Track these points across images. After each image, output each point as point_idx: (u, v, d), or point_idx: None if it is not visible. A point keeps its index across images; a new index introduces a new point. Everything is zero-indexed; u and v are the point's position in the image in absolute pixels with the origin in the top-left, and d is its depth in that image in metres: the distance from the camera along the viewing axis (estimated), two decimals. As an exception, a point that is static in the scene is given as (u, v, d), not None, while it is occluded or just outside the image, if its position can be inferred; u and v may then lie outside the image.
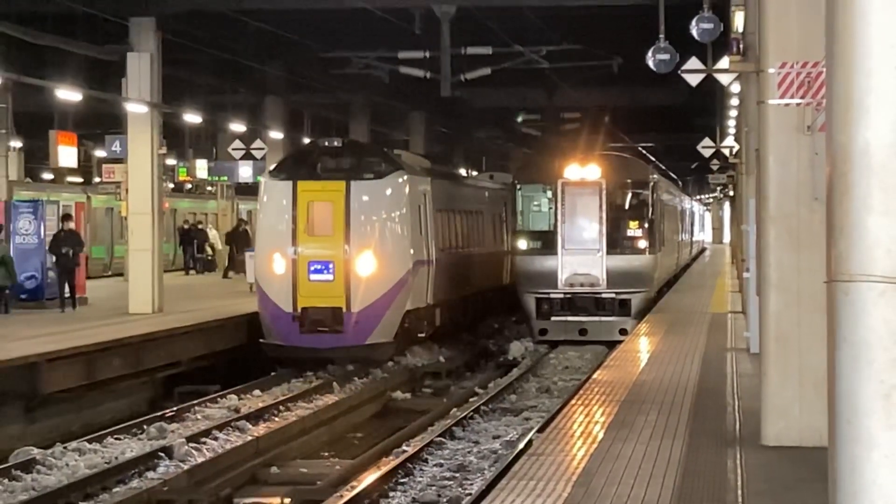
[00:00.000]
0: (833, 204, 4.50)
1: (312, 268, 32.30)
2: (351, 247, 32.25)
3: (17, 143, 50.45)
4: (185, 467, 21.48)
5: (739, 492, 14.22)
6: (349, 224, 32.36)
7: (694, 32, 20.29)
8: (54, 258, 34.69)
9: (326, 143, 34.51)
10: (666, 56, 22.93)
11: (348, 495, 19.57)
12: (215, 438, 23.76)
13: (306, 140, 50.71)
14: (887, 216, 4.37)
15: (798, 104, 16.06)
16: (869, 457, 4.43)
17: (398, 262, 33.15)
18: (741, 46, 21.70)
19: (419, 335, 35.87)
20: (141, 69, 35.30)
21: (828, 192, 4.61)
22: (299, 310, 32.20)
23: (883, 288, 4.37)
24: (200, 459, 22.23)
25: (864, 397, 4.42)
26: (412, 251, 33.79)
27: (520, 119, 63.12)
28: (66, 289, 34.92)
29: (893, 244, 4.38)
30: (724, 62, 25.36)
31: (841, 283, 4.40)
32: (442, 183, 39.44)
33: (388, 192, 33.41)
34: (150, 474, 21.03)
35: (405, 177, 33.91)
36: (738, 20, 24.67)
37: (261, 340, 32.86)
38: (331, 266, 32.29)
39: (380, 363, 33.79)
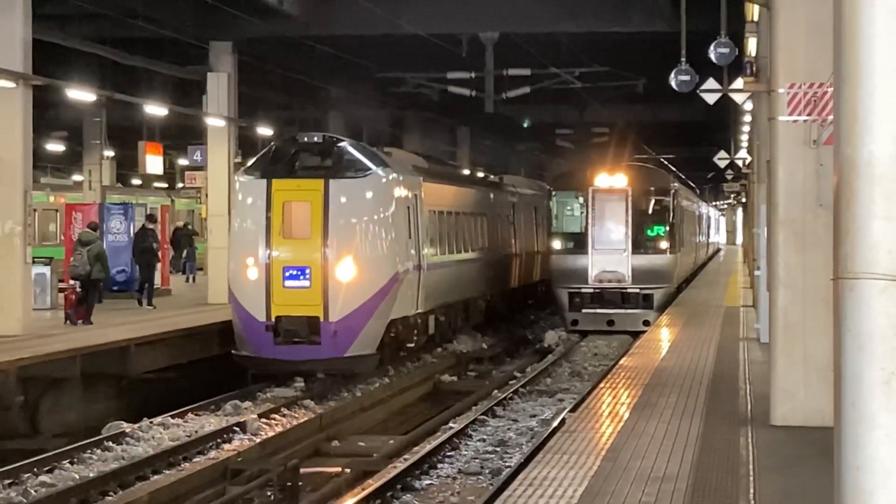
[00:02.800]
0: (840, 209, 4.48)
1: (287, 273, 26.43)
2: (329, 251, 26.43)
3: (109, 153, 50.56)
4: (257, 440, 21.56)
5: (751, 466, 14.17)
6: (328, 226, 26.48)
7: (712, 56, 20.23)
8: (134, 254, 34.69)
9: (305, 139, 28.14)
10: (687, 77, 22.84)
11: (401, 466, 19.56)
12: (283, 415, 23.82)
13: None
14: (889, 221, 4.35)
15: (805, 121, 16.02)
16: (871, 436, 4.41)
17: (382, 268, 27.30)
18: (754, 69, 21.62)
19: (408, 345, 30.21)
20: (219, 87, 35.42)
21: (835, 198, 4.58)
22: (273, 319, 26.38)
23: (885, 285, 4.35)
24: (270, 434, 22.30)
25: (866, 383, 4.39)
26: (398, 256, 28.03)
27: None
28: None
29: (894, 246, 4.37)
30: (738, 83, 25.27)
31: (847, 280, 4.39)
32: (437, 183, 33.42)
33: (372, 191, 27.48)
34: (226, 446, 21.10)
35: (391, 175, 28.10)
36: (752, 45, 24.57)
37: (232, 352, 26.99)
38: (307, 272, 26.38)
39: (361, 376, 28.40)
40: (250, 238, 26.95)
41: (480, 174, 44.43)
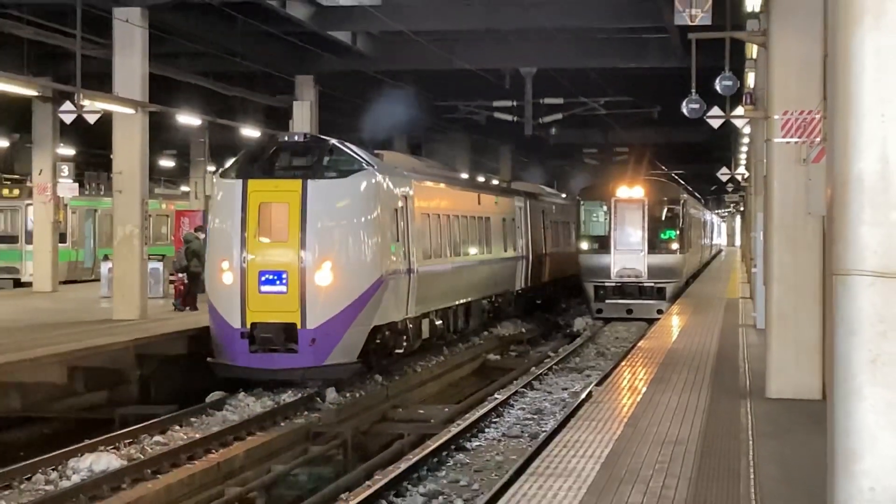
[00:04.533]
0: (833, 217, 4.48)
1: (263, 278, 21.53)
2: (307, 255, 21.46)
3: (212, 168, 50.85)
4: (334, 408, 21.62)
5: (750, 432, 14.15)
6: (305, 229, 21.53)
7: (717, 87, 20.19)
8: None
9: (286, 138, 23.28)
10: (696, 105, 22.77)
11: (455, 430, 19.58)
12: (356, 387, 23.88)
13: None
14: (875, 226, 4.36)
15: (796, 142, 16.01)
16: (859, 406, 4.42)
17: (364, 273, 22.15)
18: (753, 98, 21.61)
19: (396, 351, 24.93)
20: (303, 114, 35.54)
21: (829, 207, 4.58)
22: (248, 325, 21.57)
23: (871, 280, 4.36)
24: (345, 402, 22.35)
25: (855, 362, 4.40)
26: (383, 260, 22.78)
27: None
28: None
29: (879, 247, 4.38)
30: (739, 110, 25.22)
31: (839, 276, 4.39)
32: (432, 186, 28.42)
33: (354, 193, 22.32)
34: (308, 413, 21.16)
35: (376, 177, 22.84)
36: (751, 79, 24.52)
37: (208, 360, 22.25)
38: (284, 276, 21.48)
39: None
40: (225, 241, 21.96)
41: (482, 178, 41.27)
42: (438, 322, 28.19)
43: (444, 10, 30.34)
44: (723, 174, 51.07)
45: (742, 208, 65.93)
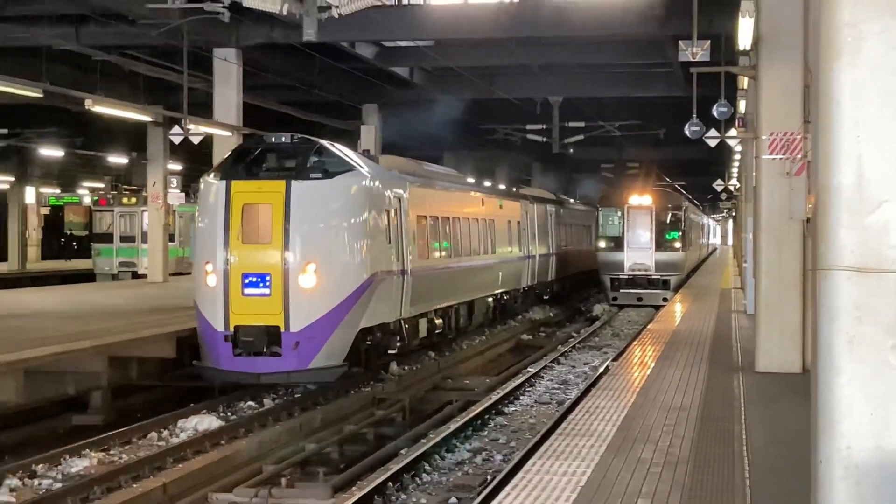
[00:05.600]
0: (817, 221, 4.45)
1: (246, 280, 18.05)
2: (291, 256, 17.95)
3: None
4: (395, 379, 21.66)
5: (742, 400, 14.07)
6: (289, 230, 18.05)
7: (714, 113, 20.11)
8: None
9: (273, 139, 19.26)
10: (696, 127, 22.66)
11: (495, 397, 19.59)
12: (413, 361, 23.91)
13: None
14: (851, 230, 4.33)
15: (781, 158, 15.89)
16: (838, 380, 4.38)
17: (350, 274, 18.50)
18: (744, 122, 21.45)
19: (389, 352, 21.27)
20: (369, 136, 35.59)
21: (812, 213, 4.55)
22: (231, 328, 17.96)
23: (849, 274, 4.33)
24: (404, 374, 22.40)
25: (835, 343, 4.36)
26: (371, 262, 18.97)
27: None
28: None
29: (856, 247, 4.35)
30: (732, 132, 25.13)
31: (822, 270, 4.36)
32: (430, 189, 24.09)
33: (339, 194, 18.65)
34: (374, 383, 21.20)
35: (364, 179, 19.08)
36: (742, 106, 24.36)
37: (193, 363, 18.73)
38: (267, 279, 18.00)
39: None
40: (209, 242, 18.42)
41: (488, 183, 37.57)
42: (438, 321, 24.19)
43: (485, 49, 30.38)
44: (718, 185, 50.94)
45: (734, 213, 65.72)
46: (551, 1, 25.86)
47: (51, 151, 41.50)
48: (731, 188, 50.67)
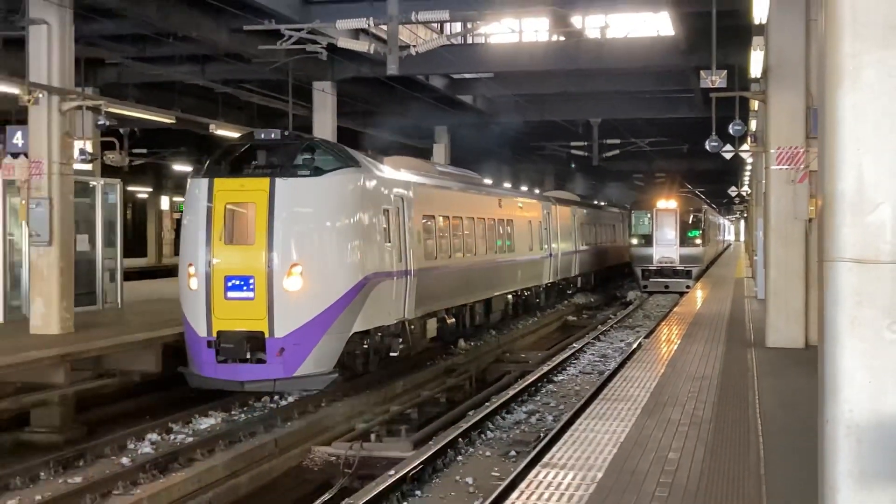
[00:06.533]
0: (823, 220, 4.41)
1: (230, 283, 14.53)
2: (275, 258, 14.47)
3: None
4: (463, 353, 21.69)
5: (755, 371, 13.91)
6: (273, 231, 14.52)
7: (730, 131, 19.87)
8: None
9: (262, 136, 15.43)
10: (716, 143, 22.40)
11: (546, 368, 19.55)
12: (478, 339, 23.92)
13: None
14: (853, 228, 4.29)
15: (786, 168, 15.69)
16: (841, 354, 4.33)
17: (340, 276, 14.80)
18: (755, 138, 21.18)
19: (391, 354, 17.16)
20: (440, 153, 35.69)
21: (820, 214, 4.50)
22: (215, 334, 14.57)
23: (850, 265, 4.28)
24: (470, 349, 22.43)
25: (839, 323, 4.31)
26: (366, 263, 15.22)
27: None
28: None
29: (856, 242, 4.31)
30: (745, 147, 24.83)
31: (828, 262, 4.32)
32: (440, 189, 20.01)
33: (329, 192, 14.88)
34: (445, 356, 21.24)
35: (358, 177, 15.35)
36: (753, 125, 24.08)
37: (179, 369, 15.22)
38: (251, 282, 14.47)
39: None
40: (192, 243, 14.84)
41: (507, 185, 33.61)
42: (451, 320, 20.34)
43: (536, 79, 30.29)
44: (732, 191, 50.35)
45: (745, 215, 64.92)
46: (592, 38, 25.78)
47: (181, 167, 42.13)
48: (743, 193, 50.13)
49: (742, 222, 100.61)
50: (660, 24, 28.93)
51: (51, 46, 16.54)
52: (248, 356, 14.35)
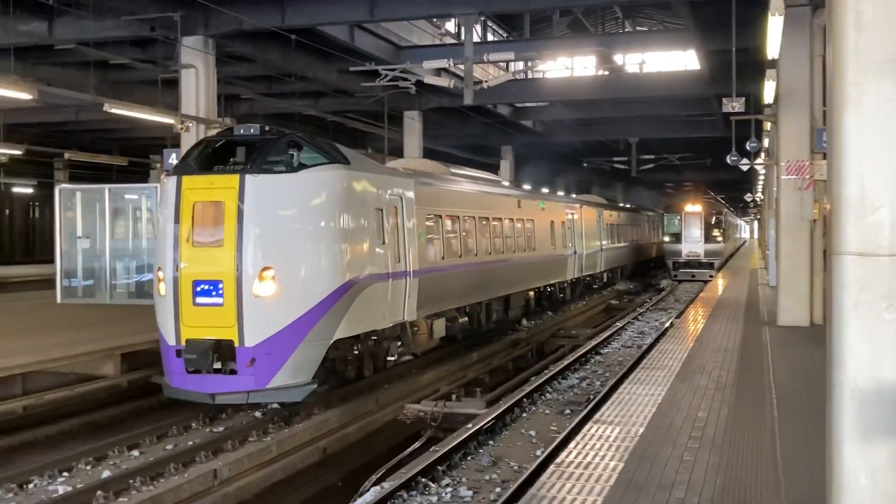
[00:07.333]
0: (831, 220, 4.35)
1: (198, 288, 10.58)
2: (245, 261, 10.47)
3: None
4: (526, 329, 21.61)
5: (769, 344, 13.65)
6: (242, 231, 10.49)
7: (747, 147, 19.54)
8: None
9: (242, 130, 11.21)
10: (735, 157, 21.98)
11: (593, 343, 19.39)
12: (537, 317, 23.78)
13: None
14: (856, 227, 4.23)
15: (794, 178, 15.38)
16: (847, 331, 4.28)
17: (319, 280, 10.72)
18: (768, 153, 20.73)
19: (388, 359, 13.60)
20: (506, 169, 35.41)
21: (829, 215, 4.43)
22: (183, 342, 10.62)
23: (854, 258, 4.23)
24: (531, 327, 22.33)
25: (845, 304, 4.26)
26: (350, 264, 11.14)
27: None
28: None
29: (859, 239, 4.27)
30: (760, 160, 24.31)
31: (835, 255, 4.27)
32: (446, 189, 15.77)
33: (307, 190, 10.75)
34: (512, 332, 21.14)
35: (342, 174, 11.12)
36: (766, 142, 23.58)
37: (151, 378, 12.24)
38: (220, 287, 10.48)
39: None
40: (161, 245, 11.13)
41: (527, 187, 29.67)
42: (463, 319, 16.61)
43: (584, 106, 30.14)
44: (747, 197, 49.38)
45: (758, 217, 63.62)
46: (631, 72, 25.60)
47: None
48: (757, 199, 49.12)
49: (755, 223, 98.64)
50: (688, 60, 28.52)
51: (198, 85, 17.01)
52: (220, 366, 10.65)
